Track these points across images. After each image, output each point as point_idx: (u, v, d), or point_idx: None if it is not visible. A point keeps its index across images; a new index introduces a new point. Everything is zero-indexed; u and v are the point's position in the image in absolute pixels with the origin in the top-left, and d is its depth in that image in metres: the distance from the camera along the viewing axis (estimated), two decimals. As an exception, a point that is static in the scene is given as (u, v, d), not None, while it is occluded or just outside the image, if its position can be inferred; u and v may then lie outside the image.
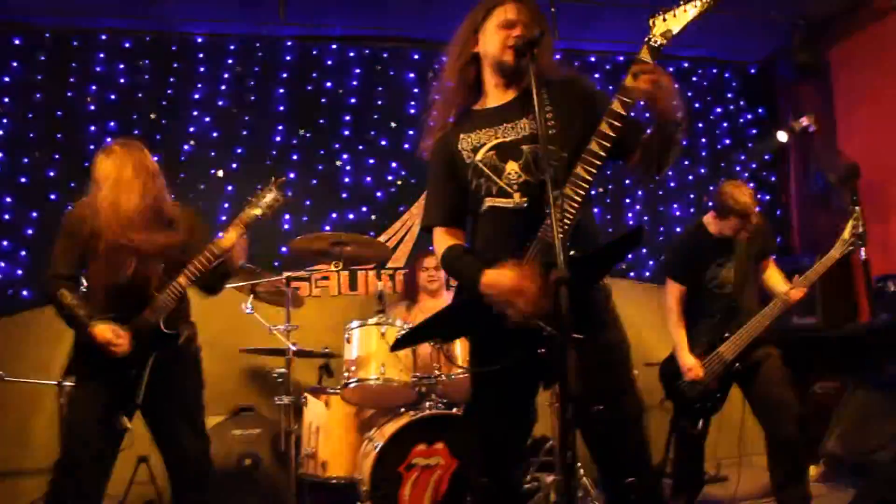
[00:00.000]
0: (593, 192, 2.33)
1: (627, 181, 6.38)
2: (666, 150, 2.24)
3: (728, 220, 4.11)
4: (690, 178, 6.61)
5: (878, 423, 4.66)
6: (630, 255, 6.08)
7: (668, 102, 2.11)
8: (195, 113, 5.70)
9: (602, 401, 2.16)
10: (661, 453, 4.16)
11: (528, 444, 2.77)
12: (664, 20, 2.08)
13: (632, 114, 2.12)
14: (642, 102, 2.10)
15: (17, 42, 5.50)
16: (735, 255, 4.15)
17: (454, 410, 4.00)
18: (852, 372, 5.13)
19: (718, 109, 6.80)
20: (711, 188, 6.53)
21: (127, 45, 5.67)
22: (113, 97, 5.59)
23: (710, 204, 4.27)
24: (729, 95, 6.87)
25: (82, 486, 3.10)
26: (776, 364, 4.04)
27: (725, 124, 6.80)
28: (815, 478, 4.76)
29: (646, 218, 6.45)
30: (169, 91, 5.69)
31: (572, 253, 1.98)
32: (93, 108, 5.54)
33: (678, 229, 6.40)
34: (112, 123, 5.53)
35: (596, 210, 4.81)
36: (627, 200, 6.45)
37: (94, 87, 5.57)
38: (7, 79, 5.45)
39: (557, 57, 2.52)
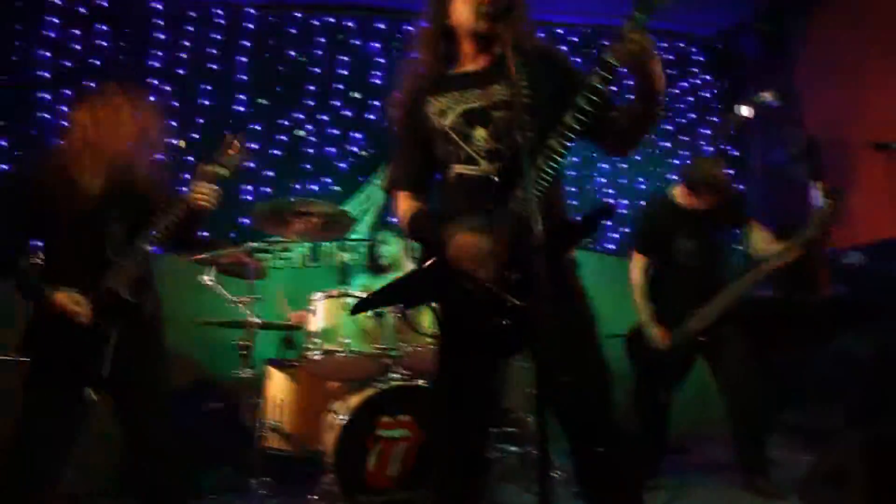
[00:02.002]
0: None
1: (593, 154, 6.38)
2: (643, 124, 2.20)
3: (702, 196, 4.12)
4: (655, 151, 6.63)
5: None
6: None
7: (655, 70, 2.06)
8: (154, 81, 5.56)
9: (571, 371, 2.14)
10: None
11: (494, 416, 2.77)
12: None
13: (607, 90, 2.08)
14: (628, 69, 2.05)
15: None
16: (703, 227, 4.17)
17: (420, 382, 3.98)
18: (810, 344, 5.21)
19: (683, 83, 6.82)
20: (675, 161, 6.58)
21: (82, 10, 5.49)
22: (69, 64, 5.42)
23: (681, 178, 4.27)
24: (694, 69, 6.89)
25: (37, 466, 3.02)
26: (739, 337, 4.08)
27: (690, 98, 6.83)
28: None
29: (609, 190, 6.47)
30: (126, 58, 5.53)
31: (540, 225, 1.95)
32: (47, 75, 5.37)
33: (641, 202, 6.43)
34: (67, 91, 5.37)
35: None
36: (592, 173, 6.46)
37: (48, 54, 5.39)
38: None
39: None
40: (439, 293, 2.33)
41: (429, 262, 2.24)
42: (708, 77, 6.92)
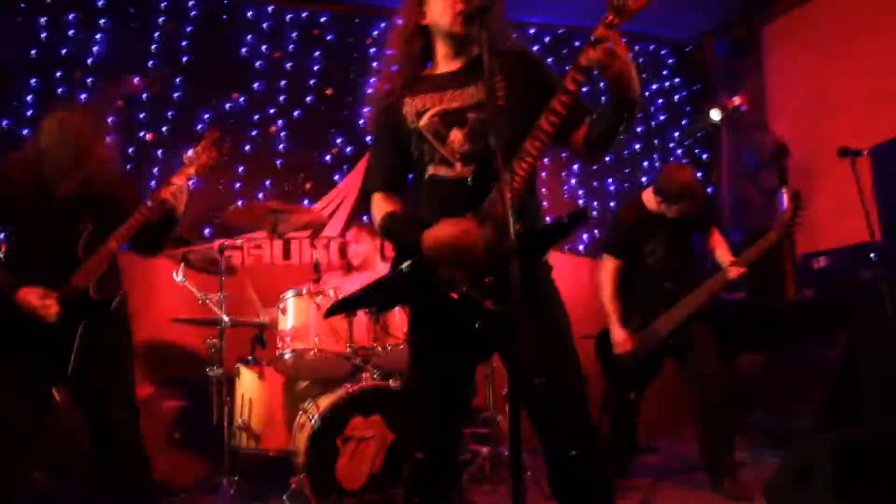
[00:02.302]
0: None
1: (563, 154, 6.40)
2: (615, 128, 2.18)
3: (673, 204, 4.14)
4: (626, 153, 6.67)
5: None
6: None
7: (628, 76, 2.05)
8: (127, 74, 5.47)
9: (544, 373, 2.14)
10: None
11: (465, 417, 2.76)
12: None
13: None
14: (600, 73, 2.05)
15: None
16: (673, 231, 4.21)
17: (390, 382, 3.97)
18: (778, 346, 5.28)
19: (654, 86, 6.88)
20: (646, 164, 6.63)
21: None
22: (33, 52, 5.32)
23: (653, 185, 4.29)
24: (665, 72, 6.94)
25: (2, 463, 2.98)
26: (708, 338, 4.12)
27: (661, 100, 6.88)
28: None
29: (581, 191, 6.51)
30: (97, 48, 5.45)
31: (515, 228, 1.94)
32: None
33: (612, 204, 6.48)
34: (33, 80, 5.27)
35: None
36: (563, 174, 6.49)
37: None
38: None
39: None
40: (414, 296, 2.33)
41: (404, 265, 2.24)
42: (678, 80, 6.98)
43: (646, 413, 4.39)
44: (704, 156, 6.94)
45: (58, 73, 5.33)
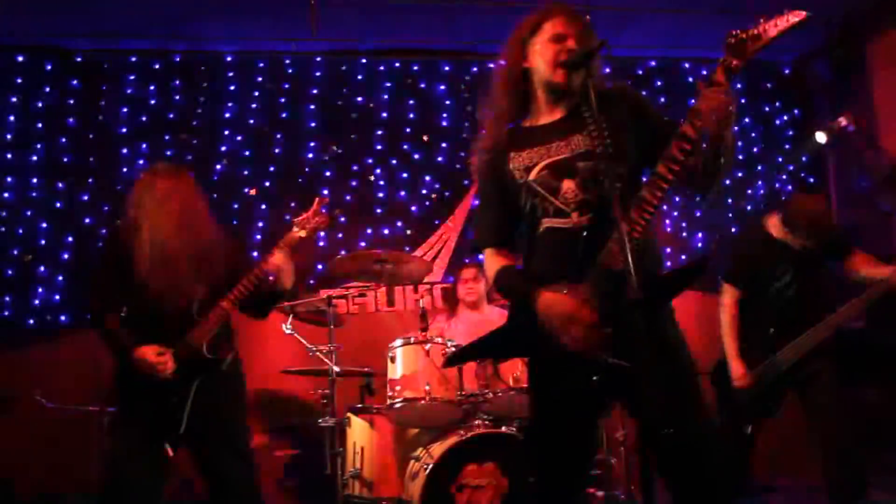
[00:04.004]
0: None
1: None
2: (714, 173, 2.17)
3: (799, 233, 3.98)
4: (727, 182, 6.48)
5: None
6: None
7: (726, 127, 2.05)
8: (226, 132, 5.70)
9: (673, 423, 2.06)
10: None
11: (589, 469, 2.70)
12: (742, 40, 1.98)
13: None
14: (704, 122, 2.03)
15: (48, 67, 5.53)
16: (800, 260, 4.03)
17: (503, 429, 3.92)
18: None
19: (753, 111, 6.68)
20: (749, 191, 6.44)
21: (157, 66, 5.68)
22: (144, 119, 5.60)
23: (780, 212, 4.13)
24: (763, 97, 6.75)
25: None
26: (832, 376, 3.92)
27: (761, 127, 6.68)
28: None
29: (683, 224, 6.35)
30: (199, 111, 5.69)
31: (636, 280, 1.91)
32: (124, 130, 5.55)
33: (716, 235, 6.30)
34: (144, 145, 5.55)
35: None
36: (664, 206, 6.35)
37: (125, 110, 5.58)
38: (40, 104, 5.48)
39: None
40: (531, 349, 2.32)
41: (521, 318, 2.24)
42: (778, 104, 6.77)
43: (766, 449, 4.18)
44: (811, 180, 6.68)
45: (166, 138, 5.57)
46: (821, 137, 6.18)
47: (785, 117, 6.75)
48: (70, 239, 5.31)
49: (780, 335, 3.97)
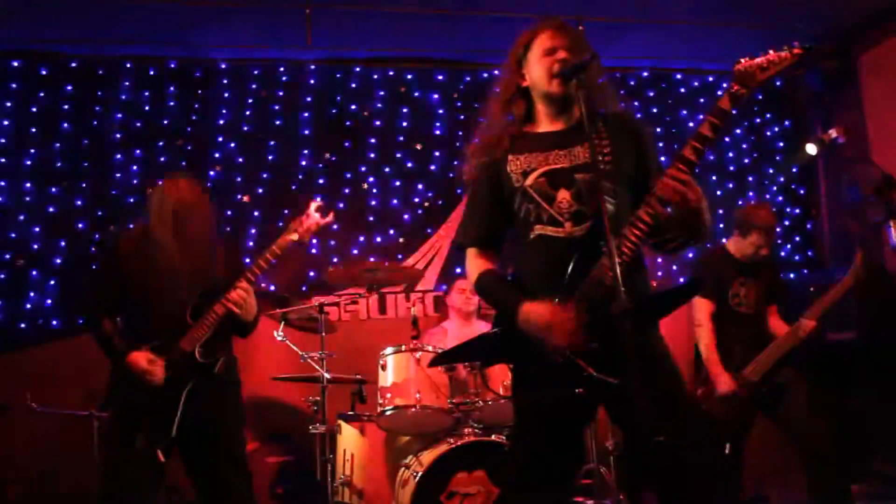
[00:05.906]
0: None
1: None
2: (685, 244, 2.33)
3: (749, 236, 4.08)
4: (718, 193, 6.52)
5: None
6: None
7: (686, 211, 2.13)
8: (220, 139, 5.71)
9: (663, 431, 2.08)
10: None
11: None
12: (749, 68, 2.04)
13: None
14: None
15: (43, 72, 5.54)
16: (755, 275, 4.13)
17: (493, 437, 3.93)
18: (892, 387, 5.02)
19: (745, 123, 6.72)
20: (740, 202, 6.47)
21: (152, 72, 5.69)
22: (138, 125, 5.60)
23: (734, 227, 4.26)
24: (755, 108, 6.78)
25: None
26: (802, 383, 4.02)
27: (752, 138, 6.72)
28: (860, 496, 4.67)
29: (675, 234, 6.37)
30: (194, 117, 5.71)
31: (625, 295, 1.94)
32: (118, 136, 5.56)
33: (708, 245, 6.32)
34: (138, 151, 5.55)
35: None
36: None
37: (119, 115, 5.59)
38: (34, 109, 5.48)
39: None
40: (516, 355, 2.34)
41: (505, 325, 2.27)
42: (769, 115, 6.81)
43: (754, 460, 4.21)
44: (802, 191, 6.73)
45: (160, 144, 5.59)
46: (812, 149, 6.21)
47: (776, 129, 6.80)
48: (63, 244, 5.30)
49: (746, 350, 4.07)
